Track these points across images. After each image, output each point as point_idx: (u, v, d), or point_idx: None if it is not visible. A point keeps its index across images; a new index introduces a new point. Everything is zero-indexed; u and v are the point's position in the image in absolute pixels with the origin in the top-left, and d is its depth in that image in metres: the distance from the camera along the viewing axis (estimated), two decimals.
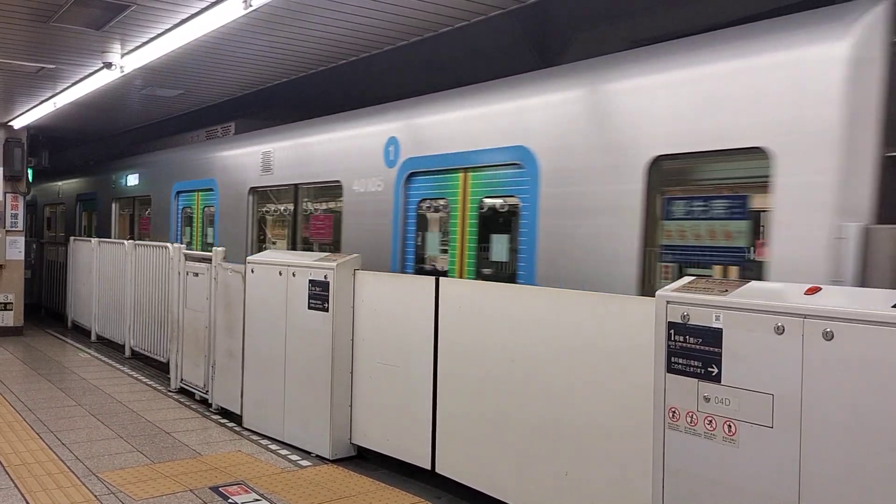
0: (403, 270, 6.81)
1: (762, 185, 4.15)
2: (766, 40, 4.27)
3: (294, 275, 6.48)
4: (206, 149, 10.95)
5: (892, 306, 2.95)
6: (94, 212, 15.26)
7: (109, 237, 13.50)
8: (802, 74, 4.00)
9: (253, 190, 9.41)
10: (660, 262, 4.73)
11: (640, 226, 4.73)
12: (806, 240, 3.88)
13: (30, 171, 13.40)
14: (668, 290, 3.70)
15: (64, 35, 7.35)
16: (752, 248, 4.37)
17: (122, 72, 8.30)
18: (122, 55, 7.94)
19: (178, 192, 11.40)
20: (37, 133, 14.15)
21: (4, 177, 12.65)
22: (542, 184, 5.47)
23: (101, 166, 15.38)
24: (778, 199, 4.02)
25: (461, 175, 6.36)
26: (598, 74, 5.33)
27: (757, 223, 4.33)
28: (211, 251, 7.94)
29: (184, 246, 8.90)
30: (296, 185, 8.67)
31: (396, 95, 7.41)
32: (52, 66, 8.72)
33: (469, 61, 8.24)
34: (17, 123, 12.71)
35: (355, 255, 6.35)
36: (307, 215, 8.73)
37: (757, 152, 4.14)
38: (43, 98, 10.79)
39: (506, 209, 6.08)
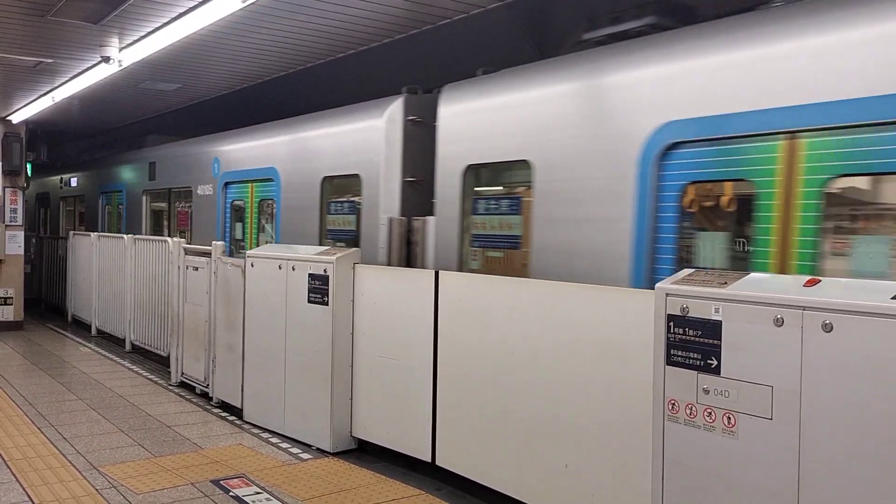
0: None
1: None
2: (356, 114, 7.42)
3: (294, 269, 6.48)
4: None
5: (892, 298, 2.95)
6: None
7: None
8: (368, 132, 7.08)
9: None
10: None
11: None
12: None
13: (29, 166, 13.37)
14: (667, 283, 3.71)
15: (62, 29, 7.33)
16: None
17: (121, 66, 8.28)
18: (121, 49, 7.92)
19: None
20: (35, 127, 14.13)
21: (3, 171, 12.63)
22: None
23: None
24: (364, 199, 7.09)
25: (251, 184, 9.32)
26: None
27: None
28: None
29: (183, 241, 8.90)
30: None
31: (394, 90, 7.41)
32: (50, 61, 8.70)
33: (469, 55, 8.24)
34: (16, 118, 12.69)
35: (355, 248, 6.36)
36: None
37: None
38: (41, 92, 10.77)
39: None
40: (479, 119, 5.95)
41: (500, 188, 6.22)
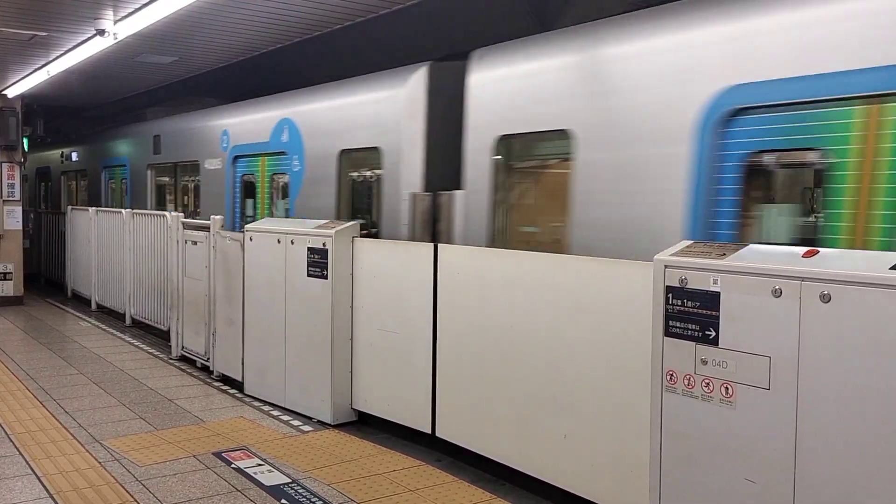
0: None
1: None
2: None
3: (293, 242, 6.48)
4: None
5: (890, 268, 2.95)
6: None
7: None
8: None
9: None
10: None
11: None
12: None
13: (25, 141, 13.31)
14: (666, 255, 3.71)
15: (56, 2, 7.25)
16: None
17: (116, 39, 8.21)
18: (115, 22, 7.85)
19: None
20: (31, 102, 14.04)
21: (0, 146, 12.58)
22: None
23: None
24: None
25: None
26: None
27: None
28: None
29: (181, 214, 8.89)
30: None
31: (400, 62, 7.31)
32: (44, 34, 8.62)
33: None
34: (11, 92, 12.62)
35: (354, 222, 6.35)
36: None
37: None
38: (36, 66, 10.69)
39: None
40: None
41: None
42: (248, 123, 9.37)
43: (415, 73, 6.60)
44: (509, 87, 5.66)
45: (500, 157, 5.78)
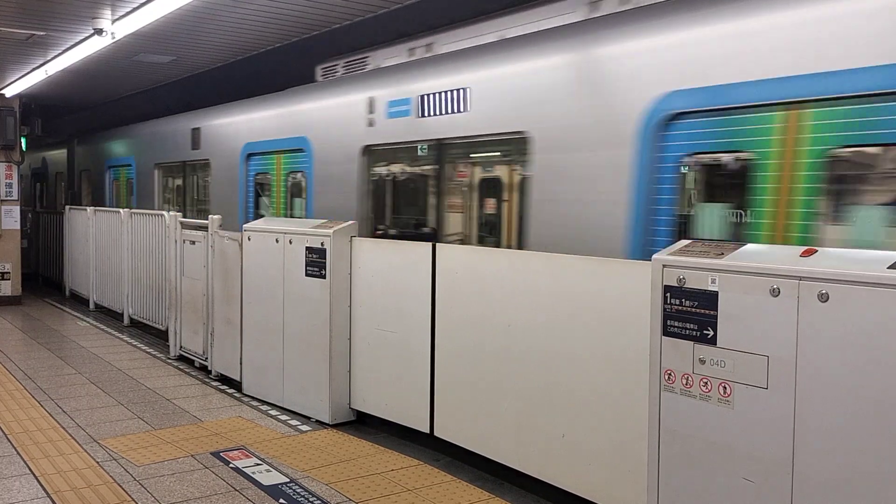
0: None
1: None
2: None
3: (291, 242, 6.48)
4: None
5: (888, 267, 2.96)
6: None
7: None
8: None
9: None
10: None
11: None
12: None
13: (23, 140, 13.30)
14: (664, 254, 3.71)
15: (54, 1, 7.25)
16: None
17: (114, 38, 8.21)
18: (113, 21, 7.85)
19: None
20: (29, 101, 14.03)
21: None
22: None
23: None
24: None
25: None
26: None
27: None
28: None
29: (179, 214, 8.88)
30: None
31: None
32: (42, 33, 8.61)
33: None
34: (9, 92, 12.62)
35: (352, 221, 6.35)
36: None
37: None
38: (34, 66, 10.69)
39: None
40: None
41: None
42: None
43: None
44: None
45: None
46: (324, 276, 6.14)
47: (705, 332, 3.48)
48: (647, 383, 3.75)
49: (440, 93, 6.42)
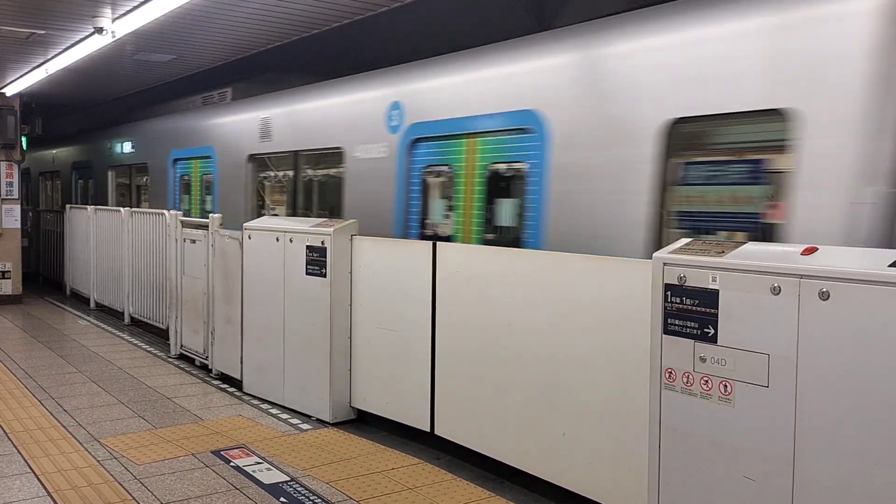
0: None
1: None
2: None
3: (291, 241, 6.48)
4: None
5: (889, 266, 2.95)
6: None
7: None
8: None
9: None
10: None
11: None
12: None
13: (24, 139, 13.31)
14: (664, 252, 3.71)
15: None
16: None
17: (114, 37, 8.20)
18: (114, 20, 7.84)
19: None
20: (30, 100, 14.03)
21: None
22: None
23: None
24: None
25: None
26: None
27: None
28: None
29: (180, 213, 8.88)
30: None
31: (395, 60, 7.32)
32: (42, 32, 8.61)
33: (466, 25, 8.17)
34: (10, 91, 12.61)
35: (352, 220, 6.35)
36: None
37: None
38: (35, 64, 10.69)
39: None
40: None
41: None
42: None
43: None
44: None
45: None
46: (324, 275, 6.14)
47: (706, 330, 3.48)
48: (647, 382, 3.75)
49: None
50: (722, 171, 4.59)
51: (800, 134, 4.01)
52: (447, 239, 6.39)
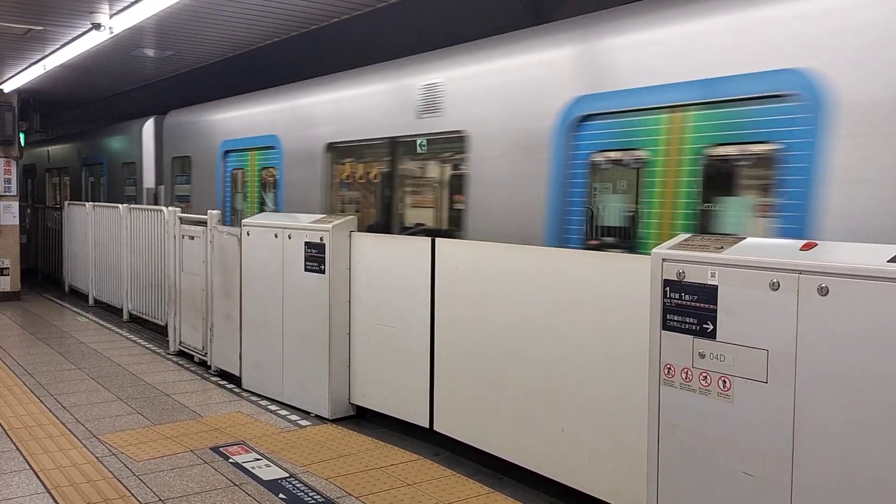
0: None
1: None
2: None
3: (290, 237, 6.47)
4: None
5: (888, 261, 2.95)
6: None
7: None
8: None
9: None
10: None
11: None
12: None
13: (22, 136, 13.28)
14: (663, 248, 3.70)
15: None
16: None
17: (112, 33, 8.18)
18: (111, 15, 7.82)
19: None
20: (28, 97, 14.01)
21: None
22: None
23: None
24: None
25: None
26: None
27: None
28: None
29: (178, 209, 8.87)
30: None
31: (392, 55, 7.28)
32: (40, 28, 8.59)
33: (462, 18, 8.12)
34: (7, 87, 12.57)
35: (350, 216, 6.34)
36: None
37: None
38: (32, 61, 10.66)
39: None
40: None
41: None
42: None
43: None
44: None
45: None
46: (323, 271, 6.14)
47: (705, 326, 3.48)
48: (646, 377, 3.75)
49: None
50: None
51: None
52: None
